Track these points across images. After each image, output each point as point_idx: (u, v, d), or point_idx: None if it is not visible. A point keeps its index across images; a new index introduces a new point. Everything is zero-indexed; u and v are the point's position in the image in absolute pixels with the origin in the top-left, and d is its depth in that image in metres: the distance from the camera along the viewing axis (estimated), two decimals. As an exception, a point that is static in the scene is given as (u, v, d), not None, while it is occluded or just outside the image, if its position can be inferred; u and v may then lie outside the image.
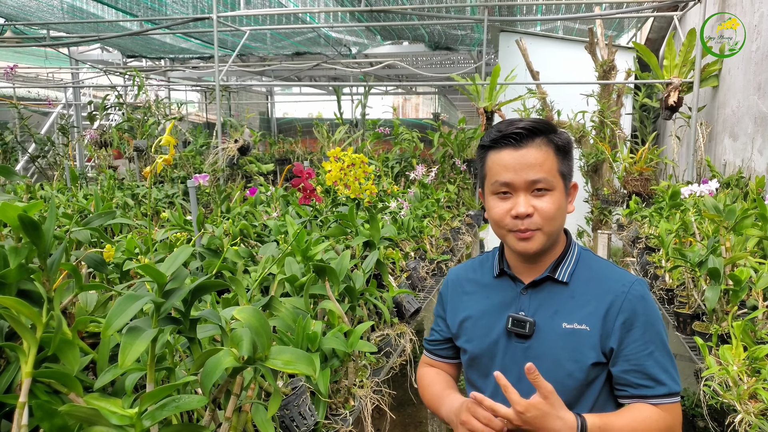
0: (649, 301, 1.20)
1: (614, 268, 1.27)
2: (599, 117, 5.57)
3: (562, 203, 1.22)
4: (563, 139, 1.23)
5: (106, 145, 5.16)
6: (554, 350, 1.20)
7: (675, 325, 2.25)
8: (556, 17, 6.55)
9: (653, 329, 1.18)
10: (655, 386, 1.16)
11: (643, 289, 1.21)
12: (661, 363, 1.17)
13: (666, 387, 1.16)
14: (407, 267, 2.73)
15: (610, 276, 1.23)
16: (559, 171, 1.21)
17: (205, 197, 3.95)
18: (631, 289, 1.19)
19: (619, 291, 1.19)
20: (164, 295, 0.97)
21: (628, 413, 1.17)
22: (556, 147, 1.21)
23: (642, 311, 1.18)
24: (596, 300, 1.20)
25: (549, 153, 1.20)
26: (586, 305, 1.20)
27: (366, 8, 5.38)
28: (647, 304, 1.20)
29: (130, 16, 6.87)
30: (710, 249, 2.06)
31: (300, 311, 1.53)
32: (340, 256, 1.71)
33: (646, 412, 1.15)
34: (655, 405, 1.16)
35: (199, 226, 2.12)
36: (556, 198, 1.20)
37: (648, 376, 1.17)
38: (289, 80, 11.70)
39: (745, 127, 3.90)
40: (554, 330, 1.21)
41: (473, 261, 1.43)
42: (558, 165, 1.21)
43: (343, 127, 5.73)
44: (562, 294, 1.23)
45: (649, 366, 1.17)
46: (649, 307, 1.20)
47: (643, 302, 1.19)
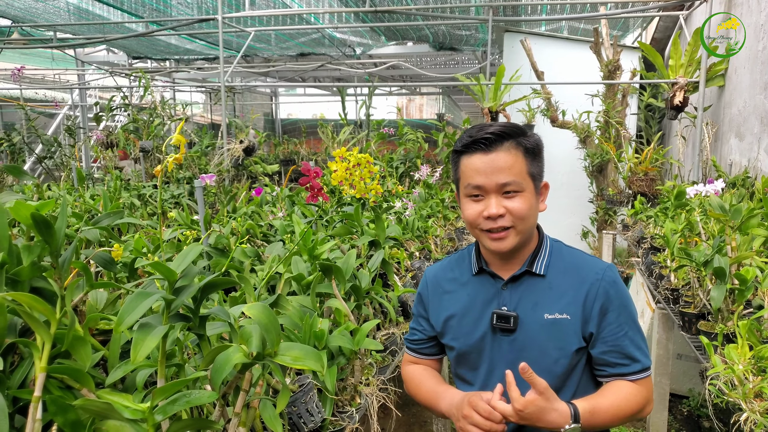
0: (620, 285, 1.29)
1: (585, 256, 1.35)
2: (604, 117, 5.57)
3: (533, 203, 1.27)
4: (532, 141, 1.27)
5: (113, 146, 5.20)
6: (539, 341, 1.27)
7: (680, 324, 2.25)
8: (561, 17, 6.55)
9: (626, 311, 1.27)
10: (631, 364, 1.26)
11: (614, 274, 1.30)
12: (635, 341, 1.26)
13: (640, 363, 1.26)
14: (412, 267, 2.74)
15: (584, 265, 1.31)
16: (528, 173, 1.26)
17: (212, 197, 3.97)
18: (604, 276, 1.27)
19: (594, 279, 1.27)
20: (174, 293, 0.98)
21: (609, 392, 1.26)
22: (525, 149, 1.26)
23: (615, 295, 1.27)
24: (573, 289, 1.28)
25: (518, 156, 1.25)
26: (564, 295, 1.28)
27: (370, 9, 5.39)
28: (619, 288, 1.28)
29: (135, 18, 6.90)
30: (716, 248, 2.06)
31: (307, 309, 1.55)
32: (346, 255, 1.72)
33: (625, 389, 1.25)
34: (632, 381, 1.26)
35: (206, 226, 2.13)
36: (527, 198, 1.26)
37: (624, 355, 1.26)
38: (293, 81, 11.73)
39: (751, 126, 3.89)
40: (537, 321, 1.27)
41: (449, 260, 1.47)
42: (527, 167, 1.26)
43: (348, 128, 5.75)
44: (541, 286, 1.30)
45: (625, 346, 1.26)
46: (621, 291, 1.28)
47: (615, 287, 1.27)
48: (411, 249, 3.05)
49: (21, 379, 0.94)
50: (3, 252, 1.01)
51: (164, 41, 8.10)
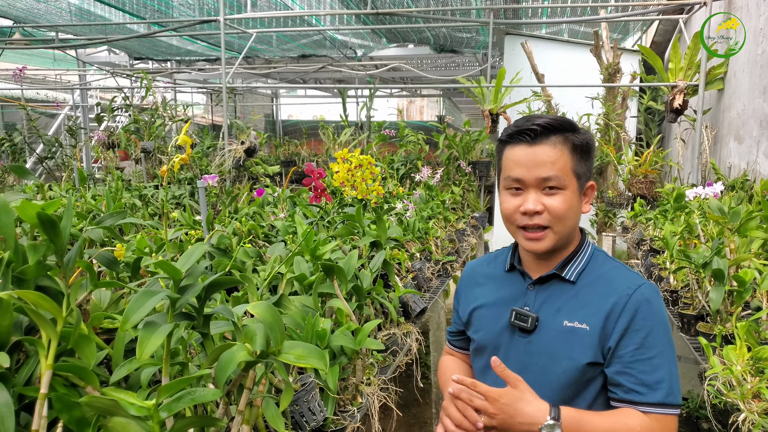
0: (654, 306, 1.16)
1: (625, 270, 1.24)
2: (604, 120, 5.58)
3: (574, 203, 1.21)
4: (582, 138, 1.21)
5: (114, 147, 5.21)
6: (552, 347, 1.20)
7: (679, 326, 2.27)
8: (562, 20, 6.57)
9: (655, 335, 1.14)
10: (647, 393, 1.12)
11: (650, 293, 1.17)
12: (660, 371, 1.12)
13: (658, 395, 1.11)
14: (413, 268, 2.75)
15: (619, 277, 1.21)
16: (573, 170, 1.19)
17: (213, 198, 3.99)
18: (637, 292, 1.16)
19: (624, 293, 1.16)
20: (179, 291, 0.99)
21: (610, 414, 1.14)
22: (573, 146, 1.20)
23: (645, 315, 1.15)
24: (600, 300, 1.18)
25: (564, 151, 1.19)
26: (589, 305, 1.19)
27: (371, 11, 5.41)
28: (652, 308, 1.16)
29: (137, 19, 6.92)
30: (714, 250, 2.08)
31: (309, 309, 1.56)
32: (348, 256, 1.74)
33: (631, 417, 1.11)
34: (644, 413, 1.11)
35: (209, 226, 2.14)
36: (568, 197, 1.19)
37: (641, 382, 1.12)
38: (294, 83, 11.75)
39: (750, 130, 3.91)
40: (555, 327, 1.20)
41: (489, 255, 1.46)
42: (572, 164, 1.19)
43: (349, 130, 5.77)
44: (568, 292, 1.23)
45: (644, 371, 1.12)
46: (654, 312, 1.16)
47: (647, 305, 1.15)
48: (412, 250, 3.06)
49: (27, 377, 0.95)
50: (9, 251, 1.02)
51: (165, 42, 8.12)
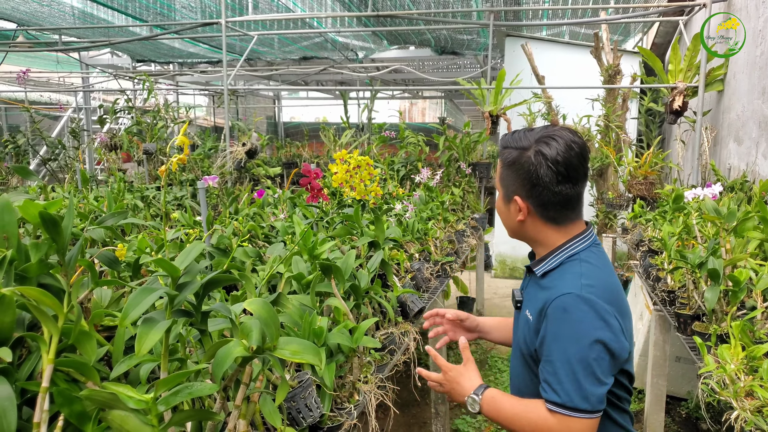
0: (569, 315, 1.25)
1: (568, 275, 1.32)
2: (604, 121, 5.60)
3: (500, 205, 1.45)
4: (506, 155, 1.41)
5: (116, 149, 5.24)
6: (519, 328, 1.45)
7: (675, 326, 2.28)
8: (562, 22, 6.59)
9: (558, 342, 1.25)
10: (548, 391, 1.26)
11: (570, 301, 1.26)
12: (555, 374, 1.24)
13: (555, 396, 1.24)
14: (412, 268, 2.77)
15: (560, 280, 1.33)
16: (500, 179, 1.44)
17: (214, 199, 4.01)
18: (557, 300, 1.27)
19: (551, 297, 1.29)
20: (178, 289, 1.01)
21: (524, 401, 1.33)
22: (503, 160, 1.43)
23: (554, 321, 1.26)
24: (543, 299, 1.32)
25: (500, 163, 1.44)
26: (540, 300, 1.33)
27: (373, 13, 5.44)
28: (565, 317, 1.25)
29: (139, 22, 6.96)
30: (710, 251, 2.09)
31: (307, 308, 1.58)
32: (346, 256, 1.76)
33: (537, 407, 1.28)
34: (548, 409, 1.25)
35: (209, 226, 2.16)
36: (498, 200, 1.46)
37: (545, 379, 1.27)
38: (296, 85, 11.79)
39: (749, 131, 3.92)
40: (524, 312, 1.42)
41: None
42: (501, 175, 1.43)
43: (350, 131, 5.79)
44: (537, 285, 1.40)
45: (546, 371, 1.27)
46: (565, 320, 1.25)
47: (561, 313, 1.26)
48: (411, 251, 3.08)
49: (29, 372, 0.98)
50: (12, 249, 1.04)
51: (168, 45, 8.16)
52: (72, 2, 6.69)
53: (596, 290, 1.27)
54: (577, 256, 1.35)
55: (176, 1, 6.69)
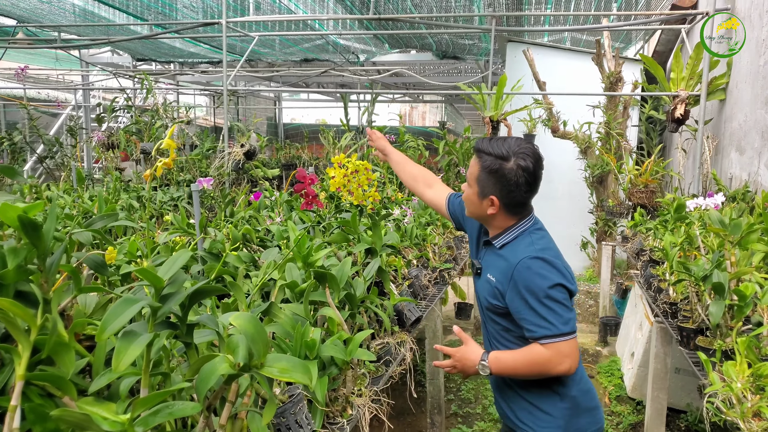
0: (533, 270, 1.61)
1: (525, 245, 1.68)
2: (605, 128, 5.56)
3: (472, 197, 1.75)
4: (486, 163, 1.69)
5: (113, 147, 5.19)
6: (481, 288, 1.80)
7: (678, 339, 2.23)
8: (564, 28, 6.55)
9: (528, 291, 1.60)
10: (536, 331, 1.58)
11: (531, 262, 1.63)
12: (538, 314, 1.58)
13: (544, 331, 1.57)
14: (409, 275, 2.72)
15: (518, 249, 1.68)
16: (476, 178, 1.72)
17: (210, 201, 3.96)
18: (521, 262, 1.63)
19: (514, 262, 1.65)
20: (161, 300, 0.96)
21: (520, 349, 1.66)
22: (482, 165, 1.70)
23: (520, 279, 1.62)
24: (506, 264, 1.68)
25: (477, 164, 1.72)
26: (502, 266, 1.69)
27: (374, 16, 5.40)
28: (530, 273, 1.61)
29: (140, 21, 6.92)
30: (715, 263, 2.04)
31: (299, 318, 1.53)
32: (342, 263, 1.71)
33: (534, 348, 1.60)
34: (541, 344, 1.59)
35: (202, 230, 2.11)
36: (470, 192, 1.75)
37: (530, 324, 1.60)
38: (296, 86, 11.75)
39: (752, 141, 3.88)
40: (484, 276, 1.78)
41: None
42: (478, 174, 1.71)
43: (349, 134, 5.74)
44: (495, 254, 1.76)
45: (526, 317, 1.60)
46: (532, 275, 1.61)
47: (526, 271, 1.62)
48: (409, 257, 3.03)
49: (1, 386, 0.92)
50: (-12, 254, 0.99)
51: (168, 44, 8.11)
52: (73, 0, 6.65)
53: (548, 251, 1.67)
54: (527, 231, 1.75)
55: (178, 1, 6.64)
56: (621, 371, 4.41)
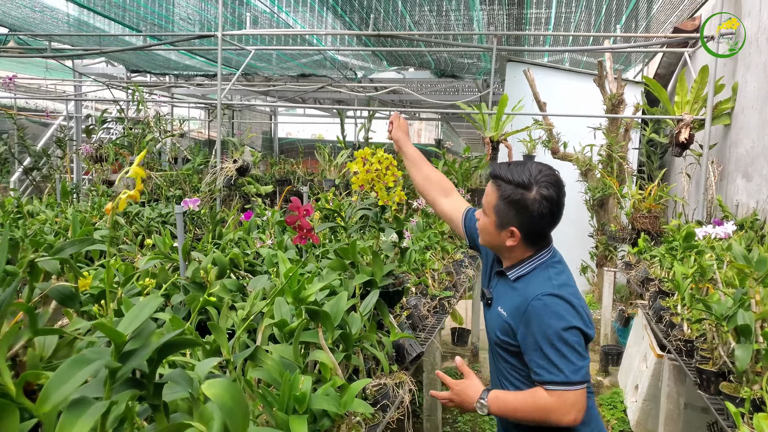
0: (550, 308, 1.49)
1: (543, 280, 1.56)
2: (607, 151, 5.45)
3: (488, 227, 1.62)
4: (505, 192, 1.56)
5: (102, 160, 5.02)
6: (491, 320, 1.69)
7: (698, 382, 2.08)
8: (566, 49, 6.49)
9: (542, 330, 1.48)
10: (544, 375, 1.48)
11: (548, 299, 1.50)
12: (546, 358, 1.47)
13: (551, 377, 1.46)
14: (408, 304, 2.56)
15: (533, 283, 1.56)
16: (494, 207, 1.59)
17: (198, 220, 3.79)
18: (537, 299, 1.51)
19: (529, 297, 1.53)
20: (122, 358, 0.80)
21: (523, 391, 1.56)
22: (501, 194, 1.57)
23: (539, 316, 1.50)
24: (520, 298, 1.56)
25: (494, 192, 1.60)
26: (515, 300, 1.58)
27: (373, 33, 5.30)
28: (546, 311, 1.49)
29: (135, 32, 6.80)
30: (738, 302, 1.90)
31: (288, 363, 1.37)
32: (336, 298, 1.55)
33: (535, 393, 1.51)
34: (546, 390, 1.48)
35: (185, 255, 1.95)
36: (486, 221, 1.63)
37: (537, 366, 1.49)
38: (293, 101, 11.64)
39: (760, 167, 3.77)
40: (495, 308, 1.66)
41: None
42: (495, 203, 1.59)
43: (346, 151, 5.61)
44: (508, 286, 1.64)
45: (537, 359, 1.49)
46: (547, 314, 1.49)
47: (542, 308, 1.50)
48: (407, 284, 2.87)
49: None
50: None
51: (163, 56, 7.99)
52: (68, 10, 6.52)
53: (566, 288, 1.54)
54: (545, 264, 1.61)
55: (175, 14, 6.53)
56: (624, 404, 4.25)
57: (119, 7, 6.03)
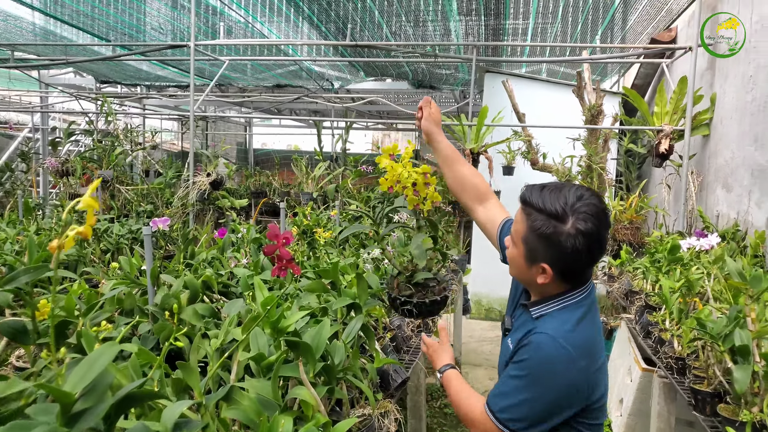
0: (541, 352, 1.33)
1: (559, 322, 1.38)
2: (587, 162, 5.44)
3: (518, 261, 1.44)
4: (539, 226, 1.34)
5: (68, 174, 4.82)
6: (501, 354, 1.57)
7: (692, 403, 2.01)
8: (544, 59, 6.50)
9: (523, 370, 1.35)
10: (492, 396, 1.41)
11: (546, 341, 1.33)
12: (507, 388, 1.38)
13: (494, 402, 1.39)
14: (391, 325, 2.46)
15: (549, 322, 1.39)
16: (523, 238, 1.40)
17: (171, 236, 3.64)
18: (539, 334, 1.35)
19: (536, 328, 1.39)
20: (71, 420, 0.68)
21: (469, 391, 1.55)
22: (531, 225, 1.37)
23: (528, 350, 1.35)
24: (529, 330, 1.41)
25: (523, 221, 1.40)
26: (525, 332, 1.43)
27: (350, 42, 5.22)
28: (537, 352, 1.33)
29: (105, 41, 6.60)
30: (734, 320, 1.84)
31: (266, 401, 1.25)
32: (318, 327, 1.44)
33: (477, 400, 1.49)
34: (486, 403, 1.42)
35: (154, 280, 1.82)
36: (515, 252, 1.45)
37: (497, 385, 1.43)
38: (268, 112, 11.50)
39: (740, 178, 3.77)
40: (506, 341, 1.54)
41: None
42: (525, 234, 1.39)
43: (323, 164, 5.50)
44: (528, 322, 1.46)
45: (501, 381, 1.42)
46: (535, 355, 1.33)
47: (535, 347, 1.34)
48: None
49: None
50: None
51: (134, 66, 7.79)
52: (33, 19, 6.30)
53: (574, 341, 1.33)
54: (573, 305, 1.41)
55: (146, 23, 6.36)
56: (609, 418, 4.19)
57: (88, 17, 5.85)
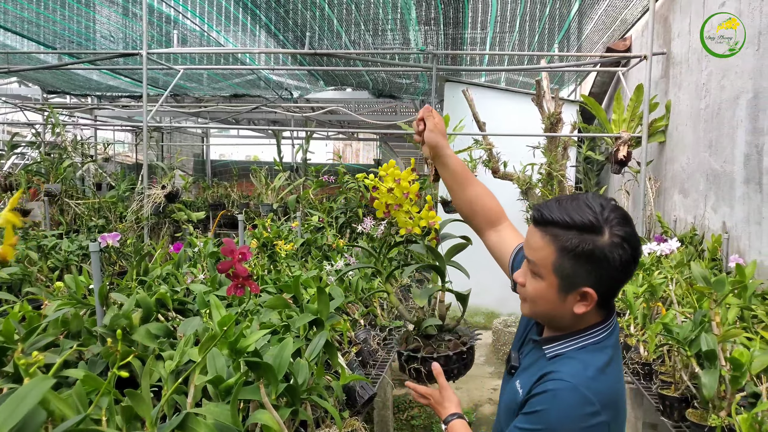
0: (558, 402, 1.11)
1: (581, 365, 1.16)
2: (547, 169, 5.51)
3: (547, 295, 1.19)
4: (577, 244, 1.14)
5: (11, 189, 4.57)
6: (504, 394, 1.34)
7: (660, 409, 2.00)
8: (505, 68, 6.57)
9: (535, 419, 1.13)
10: None
11: (565, 390, 1.12)
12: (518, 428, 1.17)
13: None
14: (357, 338, 2.38)
15: (567, 364, 1.18)
16: (553, 267, 1.16)
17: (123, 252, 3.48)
18: (557, 381, 1.14)
19: (552, 372, 1.16)
20: (-10, 471, 0.59)
21: None
22: (562, 246, 1.15)
23: (543, 399, 1.14)
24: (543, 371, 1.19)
25: (549, 246, 1.17)
26: (538, 374, 1.20)
27: (309, 51, 5.15)
28: (553, 402, 1.12)
29: (50, 49, 6.33)
30: (698, 325, 1.84)
31: (225, 427, 1.16)
32: (280, 346, 1.35)
33: None
34: None
35: (102, 300, 1.70)
36: (541, 287, 1.20)
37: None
38: (226, 122, 11.28)
39: (696, 183, 3.86)
40: (515, 381, 1.29)
41: None
42: (555, 261, 1.16)
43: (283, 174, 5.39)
44: (541, 361, 1.24)
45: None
46: (552, 405, 1.12)
47: (551, 396, 1.13)
48: (355, 315, 2.69)
49: None
50: None
51: (84, 76, 7.50)
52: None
53: (598, 389, 1.12)
54: (594, 345, 1.20)
55: (96, 31, 6.14)
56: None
57: (32, 23, 5.59)
